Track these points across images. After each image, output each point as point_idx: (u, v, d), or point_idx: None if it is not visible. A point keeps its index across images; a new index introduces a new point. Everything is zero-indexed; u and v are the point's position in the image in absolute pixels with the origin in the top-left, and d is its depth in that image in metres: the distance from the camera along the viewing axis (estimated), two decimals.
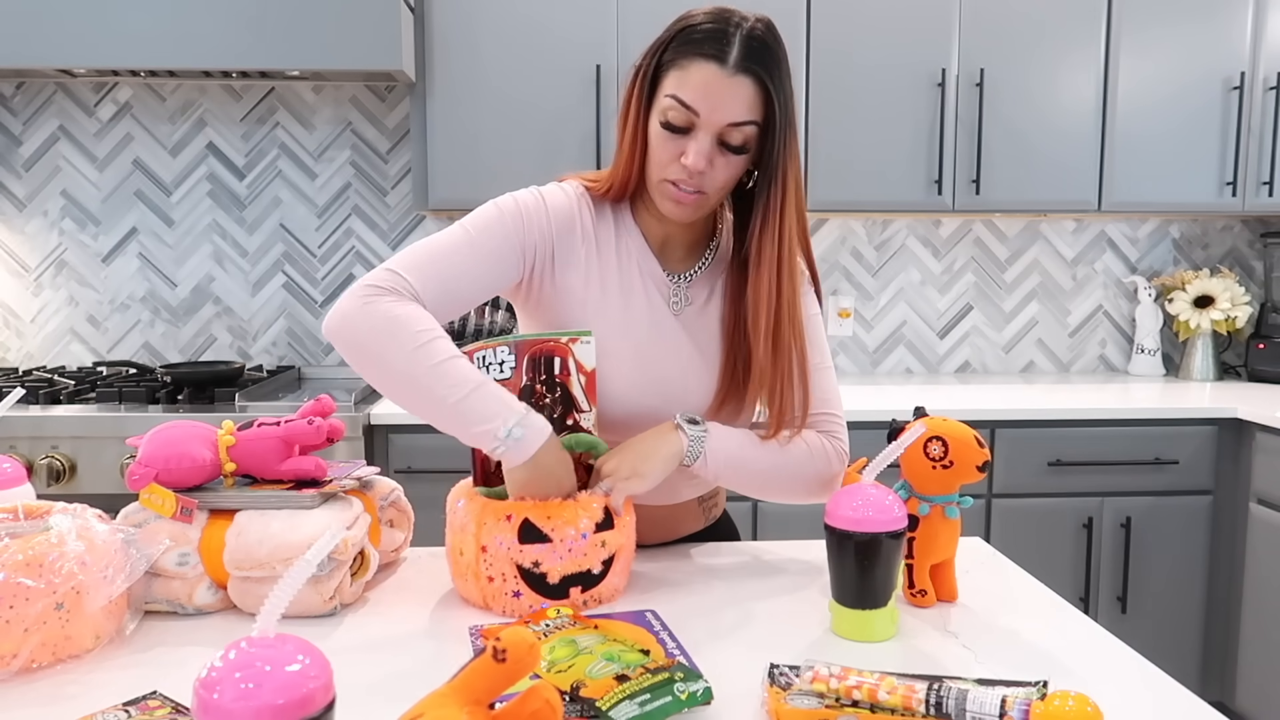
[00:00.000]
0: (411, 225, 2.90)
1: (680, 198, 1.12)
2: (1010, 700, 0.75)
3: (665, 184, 1.13)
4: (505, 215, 1.15)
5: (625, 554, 1.10)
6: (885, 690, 0.79)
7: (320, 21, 2.35)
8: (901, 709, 0.78)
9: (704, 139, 1.08)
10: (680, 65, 1.08)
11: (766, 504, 2.39)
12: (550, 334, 1.13)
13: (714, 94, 1.07)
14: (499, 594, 1.05)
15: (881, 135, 2.63)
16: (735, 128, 1.08)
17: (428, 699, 0.65)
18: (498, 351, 1.11)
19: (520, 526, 1.04)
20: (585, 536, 1.05)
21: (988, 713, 0.76)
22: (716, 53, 1.06)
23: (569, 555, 1.04)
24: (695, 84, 1.07)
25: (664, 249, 1.23)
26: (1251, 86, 2.67)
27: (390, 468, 2.33)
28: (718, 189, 1.13)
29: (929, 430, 1.06)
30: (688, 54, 1.07)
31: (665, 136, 1.10)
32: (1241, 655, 2.47)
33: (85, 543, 0.94)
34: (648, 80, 1.12)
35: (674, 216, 1.16)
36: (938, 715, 0.77)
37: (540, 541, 1.03)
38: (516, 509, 1.04)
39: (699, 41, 1.07)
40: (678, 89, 1.08)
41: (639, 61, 1.14)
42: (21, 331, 2.87)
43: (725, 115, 1.07)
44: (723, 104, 1.07)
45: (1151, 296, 2.99)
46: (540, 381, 1.13)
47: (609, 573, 1.08)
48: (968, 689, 0.77)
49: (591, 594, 1.07)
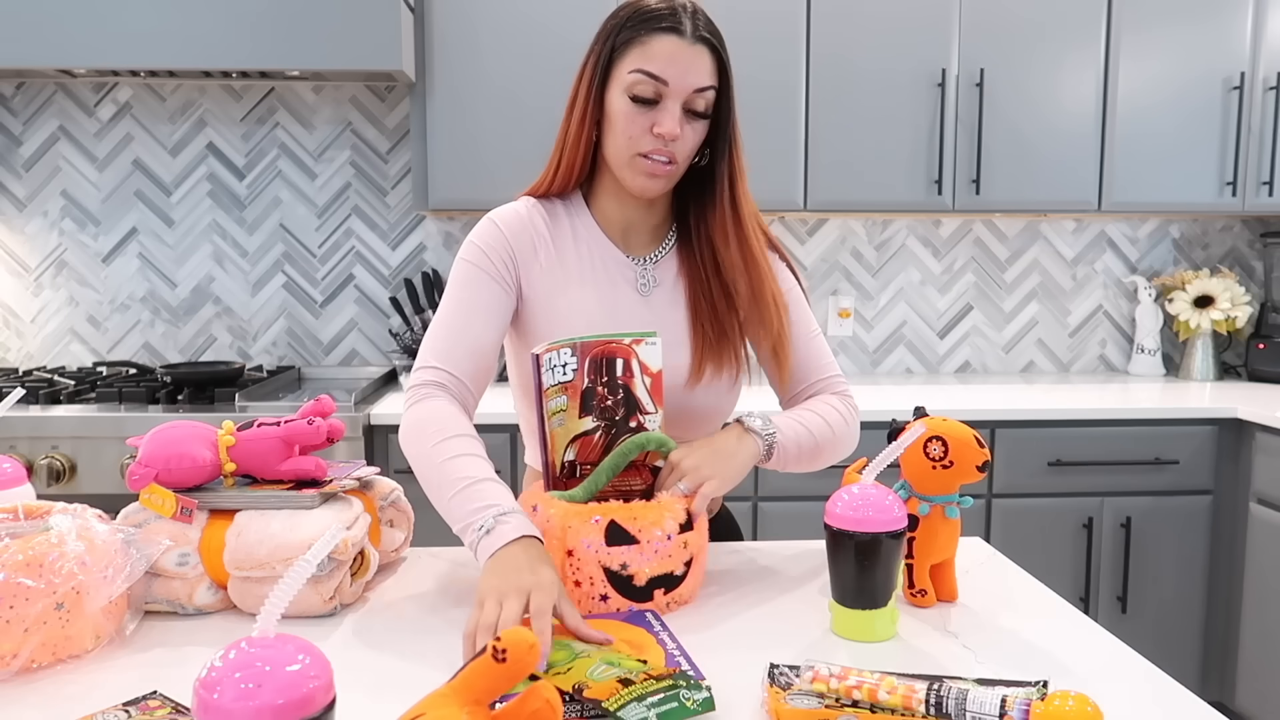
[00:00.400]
0: (411, 225, 2.90)
1: (654, 169, 1.17)
2: (1010, 700, 0.75)
3: (637, 159, 1.17)
4: (476, 262, 1.22)
5: (702, 555, 1.10)
6: (885, 690, 0.79)
7: (320, 21, 2.35)
8: (901, 709, 0.78)
9: (673, 106, 1.15)
10: (640, 42, 1.14)
11: (766, 504, 2.39)
12: (614, 335, 1.13)
13: (679, 62, 1.14)
14: (585, 598, 1.04)
15: (881, 135, 2.63)
16: (699, 93, 1.15)
17: (428, 699, 0.66)
18: (561, 354, 1.11)
19: (607, 529, 1.03)
20: (670, 538, 1.05)
21: (988, 713, 0.76)
22: (675, 25, 1.14)
23: (655, 556, 1.04)
24: (661, 55, 1.13)
25: (626, 235, 1.27)
26: (1251, 86, 2.67)
27: (390, 468, 2.33)
28: (685, 155, 1.19)
29: (929, 430, 1.06)
30: (646, 30, 1.14)
31: (634, 111, 1.15)
32: (1241, 655, 2.47)
33: (85, 543, 0.94)
34: (601, 64, 1.18)
35: (647, 191, 1.20)
36: (938, 715, 0.77)
37: (627, 543, 1.03)
38: (603, 511, 1.04)
39: (654, 18, 1.14)
40: (643, 63, 1.14)
41: (587, 55, 1.20)
42: (21, 331, 2.87)
43: (692, 81, 1.14)
44: (688, 70, 1.14)
45: (1151, 296, 2.99)
46: (602, 384, 1.13)
47: (689, 574, 1.07)
48: (968, 689, 0.77)
49: (673, 596, 1.07)
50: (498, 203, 2.90)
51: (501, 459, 2.30)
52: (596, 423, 1.13)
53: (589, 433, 1.13)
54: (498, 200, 2.78)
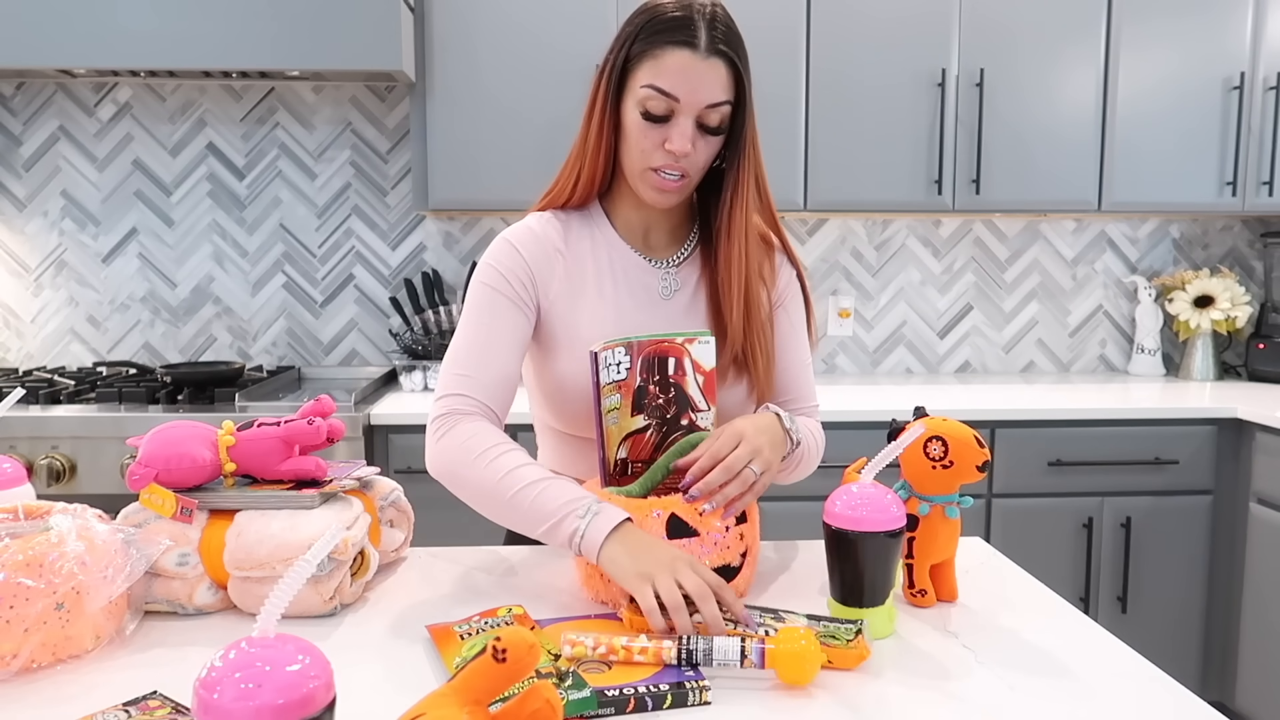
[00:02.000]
0: (411, 225, 2.90)
1: (664, 184, 1.16)
2: (748, 644, 0.87)
3: (649, 172, 1.16)
4: (495, 286, 1.20)
5: (755, 548, 1.12)
6: (638, 653, 0.89)
7: (320, 21, 2.35)
8: (654, 663, 0.89)
9: (685, 122, 1.12)
10: (653, 55, 1.11)
11: (767, 504, 2.39)
12: (668, 335, 1.13)
13: (691, 78, 1.10)
14: None
15: (881, 135, 2.63)
16: (713, 109, 1.13)
17: (428, 699, 0.66)
18: (615, 353, 1.12)
19: (668, 522, 1.04)
20: (728, 529, 1.06)
21: (731, 659, 0.88)
22: (688, 39, 1.10)
23: (714, 549, 1.05)
24: (671, 70, 1.10)
25: (646, 238, 1.27)
26: (1251, 86, 2.67)
27: (390, 468, 2.33)
28: (698, 169, 1.18)
29: (928, 430, 1.06)
30: (659, 43, 1.11)
31: (646, 126, 1.13)
32: (1241, 655, 2.47)
33: (85, 543, 0.94)
34: (615, 75, 1.15)
35: (659, 204, 1.19)
36: (688, 664, 0.88)
37: (688, 535, 1.04)
38: (664, 505, 1.05)
39: (668, 30, 1.11)
40: (654, 78, 1.11)
41: (604, 59, 1.17)
42: (21, 331, 2.87)
43: (704, 98, 1.11)
44: (700, 87, 1.11)
45: (1151, 296, 2.99)
46: (654, 382, 1.13)
47: (744, 565, 1.09)
48: (712, 640, 0.89)
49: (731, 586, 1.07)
50: (497, 203, 2.89)
51: None
52: (648, 420, 1.13)
53: (641, 430, 1.13)
54: (498, 200, 2.78)
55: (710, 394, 1.15)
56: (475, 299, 1.21)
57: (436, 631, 0.98)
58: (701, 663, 0.88)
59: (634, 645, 0.90)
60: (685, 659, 0.88)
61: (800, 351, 1.30)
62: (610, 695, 0.83)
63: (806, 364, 1.31)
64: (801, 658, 0.87)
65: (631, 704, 0.83)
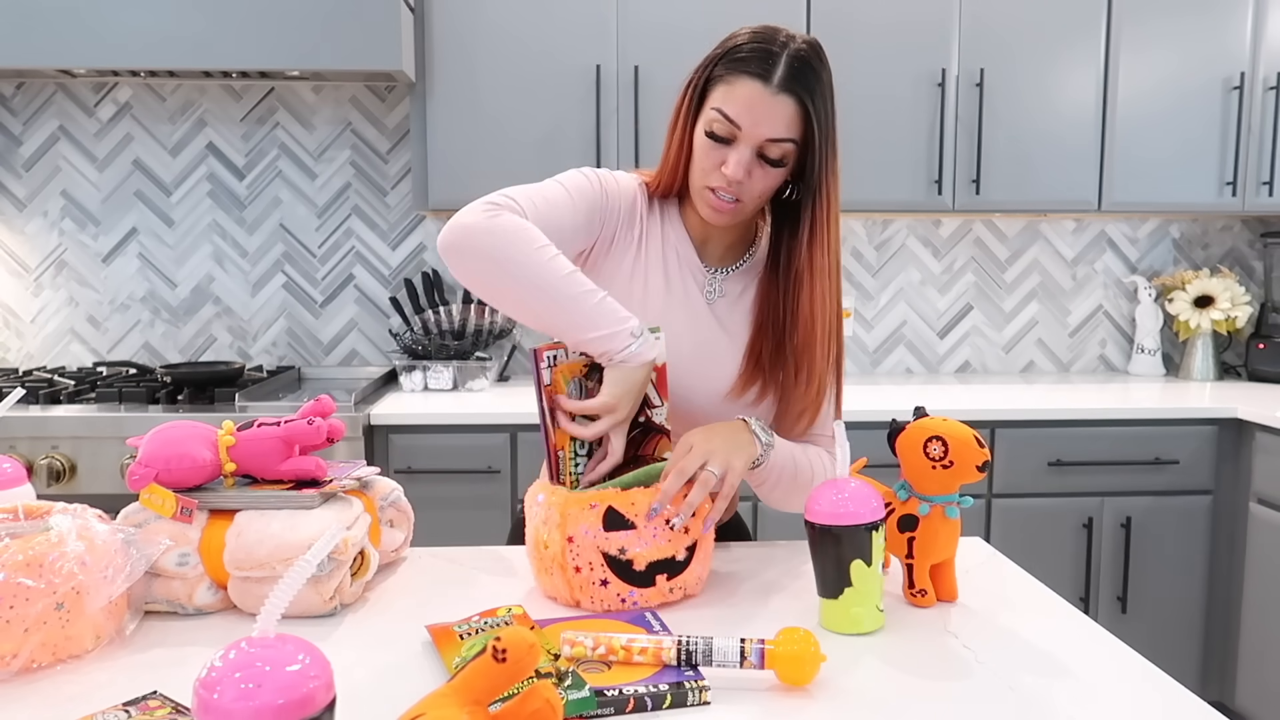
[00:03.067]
0: (411, 225, 2.90)
1: (718, 205, 1.19)
2: (749, 644, 0.88)
3: (706, 191, 1.19)
4: (594, 184, 1.23)
5: (706, 542, 1.11)
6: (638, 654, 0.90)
7: (320, 21, 2.35)
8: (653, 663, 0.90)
9: (744, 150, 1.15)
10: (727, 81, 1.15)
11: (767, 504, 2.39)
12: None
13: (756, 110, 1.13)
14: (586, 584, 1.05)
15: (881, 135, 2.63)
16: (774, 143, 1.15)
17: (428, 699, 0.66)
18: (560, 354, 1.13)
19: (605, 514, 1.05)
20: (668, 523, 1.06)
21: (730, 659, 0.88)
22: (762, 71, 1.13)
23: (653, 541, 1.05)
24: (739, 99, 1.14)
25: (704, 245, 1.30)
26: (1251, 86, 2.67)
27: (390, 468, 2.33)
28: (754, 198, 1.20)
29: (928, 430, 1.06)
30: (734, 71, 1.14)
31: (709, 145, 1.17)
32: (1241, 655, 2.47)
33: (85, 543, 0.94)
34: (697, 92, 1.19)
35: (712, 221, 1.23)
36: (688, 665, 0.89)
37: (625, 528, 1.05)
38: (600, 498, 1.06)
39: (745, 60, 1.14)
40: (722, 103, 1.15)
41: (690, 75, 1.21)
42: (21, 331, 2.87)
43: (765, 131, 1.14)
44: (763, 120, 1.14)
45: (1151, 296, 2.99)
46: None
47: (692, 560, 1.09)
48: (712, 639, 0.89)
49: (677, 582, 1.08)
50: None
51: (501, 459, 2.30)
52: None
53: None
54: None
55: (662, 389, 1.16)
56: (570, 177, 1.23)
57: (436, 632, 0.98)
58: (701, 663, 0.89)
59: (633, 645, 0.90)
60: (684, 659, 0.89)
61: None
62: (610, 695, 0.83)
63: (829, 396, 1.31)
64: (801, 658, 0.87)
65: (631, 704, 0.83)
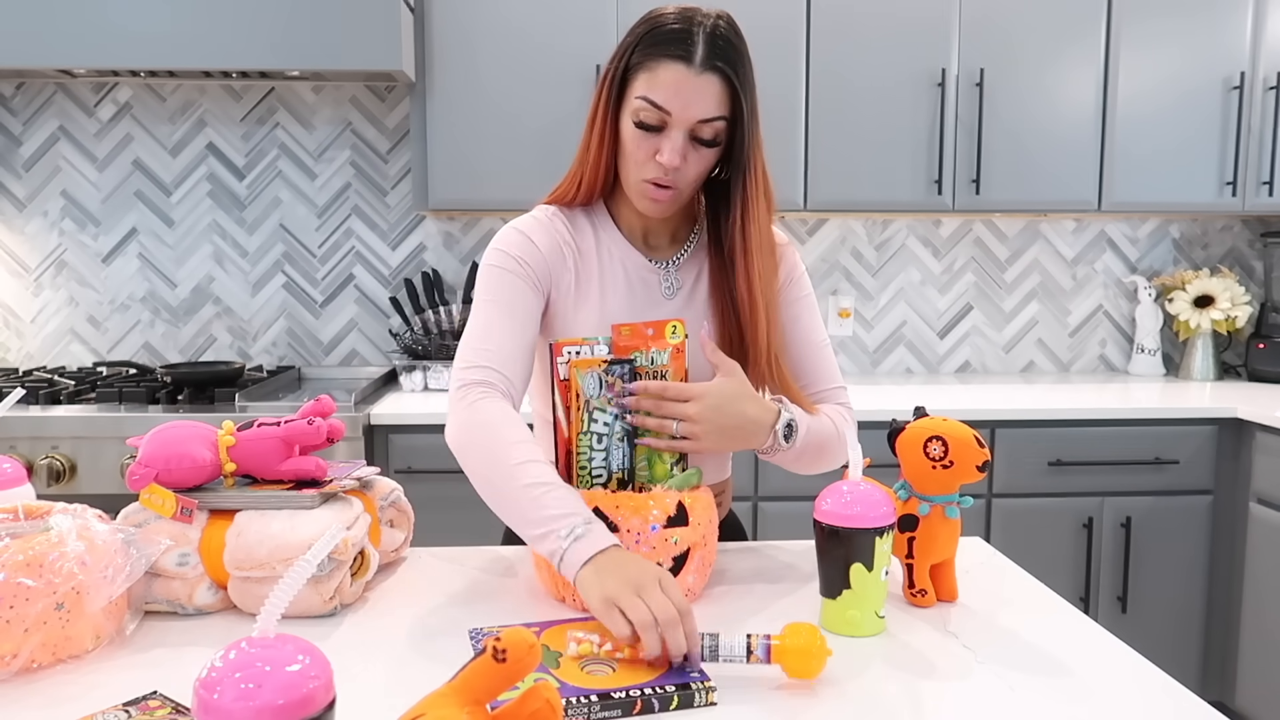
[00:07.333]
0: (411, 225, 2.90)
1: (656, 195, 1.17)
2: (755, 639, 0.88)
3: (643, 183, 1.17)
4: (509, 269, 1.19)
5: (700, 553, 1.08)
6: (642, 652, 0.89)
7: (320, 21, 2.35)
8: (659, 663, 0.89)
9: (676, 136, 1.13)
10: (648, 67, 1.12)
11: (767, 504, 2.39)
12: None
13: (684, 92, 1.11)
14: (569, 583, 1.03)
15: (881, 135, 2.63)
16: (705, 123, 1.13)
17: (428, 699, 0.65)
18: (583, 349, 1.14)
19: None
20: (655, 529, 1.04)
21: (737, 654, 0.88)
22: (683, 53, 1.10)
23: (635, 547, 1.03)
24: (665, 84, 1.11)
25: (647, 239, 1.27)
26: (1251, 86, 2.67)
27: (390, 468, 2.33)
28: (690, 182, 1.18)
29: (928, 430, 1.06)
30: (655, 55, 1.11)
31: (640, 136, 1.14)
32: (1241, 655, 2.47)
33: (85, 543, 0.94)
34: (616, 83, 1.16)
35: (651, 213, 1.20)
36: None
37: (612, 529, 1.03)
38: (588, 498, 1.05)
39: (665, 42, 1.11)
40: (648, 90, 1.12)
41: (606, 66, 1.18)
42: (21, 331, 2.87)
43: (696, 112, 1.11)
44: (693, 101, 1.11)
45: (1151, 296, 2.99)
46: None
47: (681, 571, 1.06)
48: (719, 636, 0.90)
49: None
50: (497, 203, 2.89)
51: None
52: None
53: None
54: (497, 201, 2.78)
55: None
56: (491, 281, 1.19)
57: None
58: (707, 658, 0.88)
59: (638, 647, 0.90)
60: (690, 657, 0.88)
61: (815, 331, 1.28)
62: (617, 697, 0.83)
63: (823, 344, 1.28)
64: (808, 652, 0.87)
65: (638, 705, 0.83)
